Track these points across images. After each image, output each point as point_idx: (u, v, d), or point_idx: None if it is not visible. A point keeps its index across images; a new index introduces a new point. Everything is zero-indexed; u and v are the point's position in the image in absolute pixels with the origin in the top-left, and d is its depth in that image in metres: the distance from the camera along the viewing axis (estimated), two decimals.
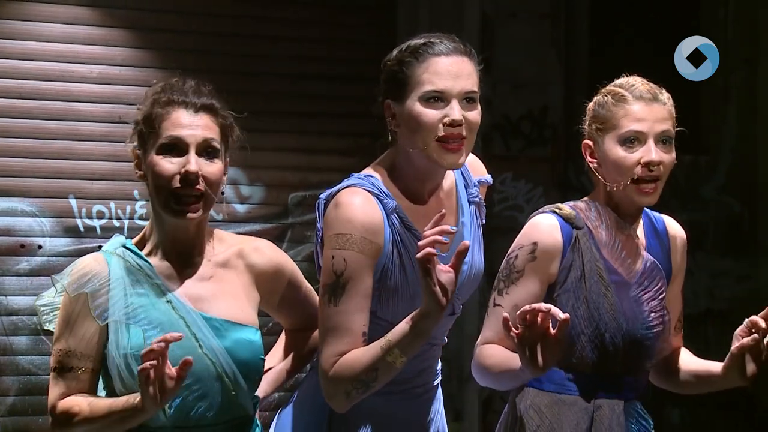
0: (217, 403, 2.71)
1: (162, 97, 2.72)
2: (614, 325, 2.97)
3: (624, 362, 3.00)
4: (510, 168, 6.64)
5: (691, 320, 7.15)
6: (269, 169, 6.32)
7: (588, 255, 3.00)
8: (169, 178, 2.67)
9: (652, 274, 3.07)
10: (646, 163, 2.98)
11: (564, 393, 2.99)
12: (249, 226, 6.41)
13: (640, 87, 3.04)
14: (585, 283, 2.98)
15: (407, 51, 2.86)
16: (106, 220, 6.24)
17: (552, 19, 6.86)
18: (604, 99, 3.06)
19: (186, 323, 2.70)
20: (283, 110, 6.47)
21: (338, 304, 2.75)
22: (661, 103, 3.03)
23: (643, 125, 3.00)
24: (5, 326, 6.06)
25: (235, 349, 2.72)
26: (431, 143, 2.80)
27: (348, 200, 2.80)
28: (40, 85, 6.13)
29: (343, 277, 2.75)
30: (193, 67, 6.10)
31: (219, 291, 2.77)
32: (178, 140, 2.68)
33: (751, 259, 7.36)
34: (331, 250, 2.78)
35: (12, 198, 6.09)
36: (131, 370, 2.65)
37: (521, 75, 6.68)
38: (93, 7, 6.23)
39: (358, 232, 2.76)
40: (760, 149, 7.36)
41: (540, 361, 2.67)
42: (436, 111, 2.80)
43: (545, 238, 2.99)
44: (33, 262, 6.13)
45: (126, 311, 2.69)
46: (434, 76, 2.81)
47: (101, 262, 2.74)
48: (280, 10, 6.55)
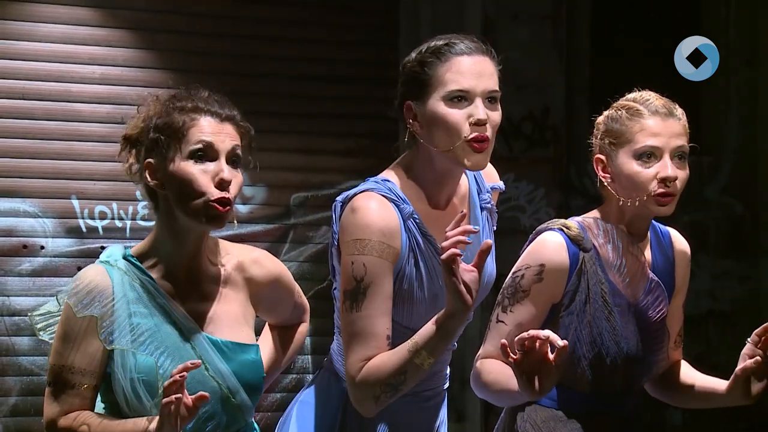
0: (224, 422, 2.70)
1: (186, 105, 2.69)
2: (615, 349, 2.96)
3: (622, 381, 3.00)
4: (512, 169, 6.64)
5: (693, 321, 7.16)
6: (271, 169, 6.32)
7: (593, 279, 2.97)
8: (203, 185, 2.63)
9: (655, 294, 3.05)
10: (663, 179, 2.94)
11: (561, 409, 2.99)
12: (251, 227, 6.41)
13: (656, 102, 3.00)
14: (589, 307, 2.97)
15: (428, 52, 2.85)
16: (109, 221, 6.24)
17: (553, 21, 6.86)
18: (618, 113, 3.02)
19: (192, 345, 2.67)
20: (284, 111, 6.47)
21: (361, 309, 2.75)
22: (677, 119, 3.00)
23: (659, 140, 2.96)
24: (8, 327, 6.06)
25: (241, 371, 2.70)
26: (458, 143, 2.79)
27: (364, 205, 2.79)
28: (41, 86, 6.14)
29: (363, 282, 2.75)
30: (195, 68, 6.13)
31: (222, 312, 2.74)
32: (210, 146, 2.65)
33: (752, 260, 7.36)
34: (350, 256, 2.77)
35: (14, 198, 6.10)
36: (137, 393, 2.62)
37: (523, 76, 6.68)
38: (94, 8, 6.23)
39: (375, 237, 2.76)
40: (762, 150, 7.36)
41: (537, 386, 2.66)
42: (461, 110, 2.80)
43: (553, 259, 2.96)
44: (35, 262, 6.14)
45: (132, 335, 2.64)
46: (458, 76, 2.80)
47: (105, 277, 2.68)
48: (282, 11, 6.55)
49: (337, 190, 5.06)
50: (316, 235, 6.53)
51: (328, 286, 3.05)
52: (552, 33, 6.85)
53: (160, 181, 2.67)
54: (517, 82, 6.66)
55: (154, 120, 2.69)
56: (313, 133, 6.54)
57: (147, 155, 2.69)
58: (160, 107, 2.71)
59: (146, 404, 2.62)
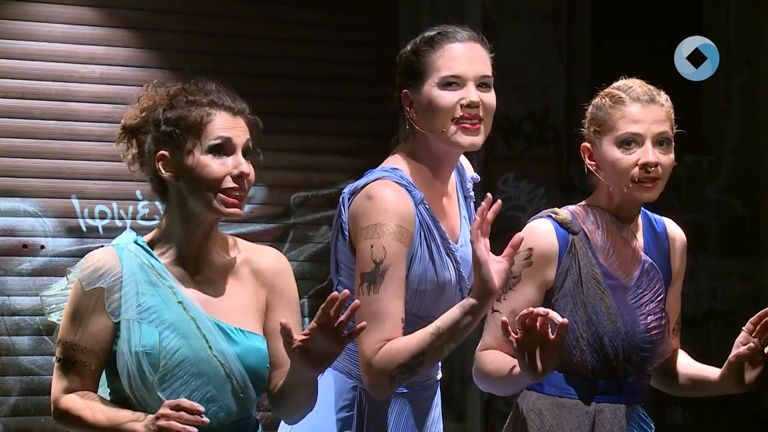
0: (227, 405, 2.72)
1: (200, 99, 2.75)
2: (612, 329, 2.97)
3: (624, 365, 3.00)
4: (512, 168, 6.64)
5: (694, 321, 7.17)
6: (271, 169, 6.32)
7: (584, 260, 3.00)
8: (221, 178, 2.70)
9: (649, 276, 3.07)
10: (644, 165, 2.98)
11: (565, 396, 2.99)
12: (251, 227, 6.41)
13: (638, 89, 3.04)
14: (582, 288, 2.99)
15: (422, 42, 2.96)
16: (109, 220, 6.24)
17: (553, 20, 6.86)
18: (602, 101, 3.06)
19: (197, 324, 2.70)
20: (285, 111, 6.47)
21: (378, 291, 2.80)
22: (659, 105, 3.03)
23: (640, 127, 3.00)
24: (8, 326, 6.06)
25: (246, 356, 2.72)
26: (449, 125, 2.89)
27: (381, 192, 2.86)
28: (41, 86, 6.14)
29: (382, 264, 2.81)
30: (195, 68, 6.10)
31: (229, 300, 2.77)
32: (228, 141, 2.72)
33: (753, 260, 7.36)
34: (368, 240, 2.83)
35: (14, 198, 6.10)
36: (141, 368, 2.66)
37: (523, 76, 6.69)
38: (94, 8, 6.24)
39: (394, 221, 2.83)
40: (763, 150, 7.36)
41: (539, 366, 2.70)
42: (454, 93, 2.90)
43: (541, 243, 3.00)
44: (35, 262, 6.14)
45: (138, 309, 2.70)
46: (450, 62, 2.92)
47: (114, 256, 2.75)
48: (283, 11, 6.56)
49: (338, 189, 5.06)
50: (317, 234, 6.53)
51: (329, 286, 3.06)
52: (552, 33, 6.86)
53: (173, 173, 2.73)
54: (518, 81, 6.67)
55: (162, 112, 2.74)
56: (313, 133, 6.54)
57: (159, 147, 2.74)
58: (166, 98, 2.76)
59: (149, 378, 2.66)
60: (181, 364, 2.67)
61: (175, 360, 2.67)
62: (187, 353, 2.66)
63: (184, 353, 2.66)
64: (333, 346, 2.57)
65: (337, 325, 2.54)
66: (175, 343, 2.67)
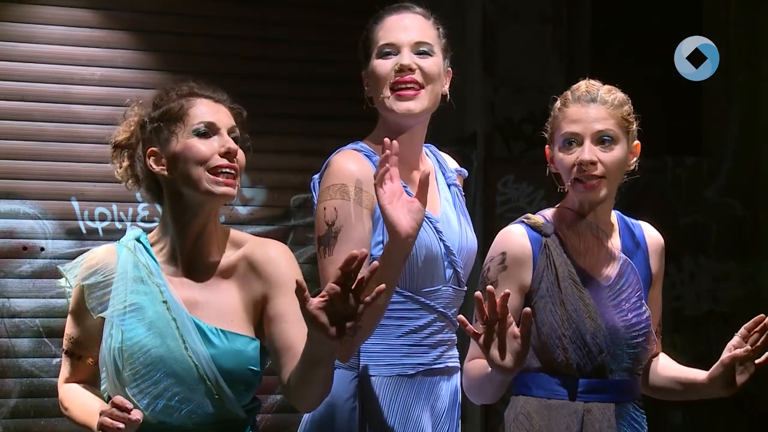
0: (201, 407, 2.73)
1: (180, 90, 2.82)
2: (593, 326, 2.98)
3: (610, 363, 3.01)
4: (512, 170, 6.64)
5: (694, 322, 7.17)
6: (271, 171, 6.32)
7: (559, 260, 3.03)
8: (209, 156, 2.73)
9: (626, 273, 3.08)
10: (579, 163, 3.00)
11: (553, 398, 3.00)
12: (251, 228, 6.41)
13: (582, 89, 3.08)
14: (560, 287, 3.01)
15: (371, 21, 3.06)
16: (109, 222, 6.24)
17: (554, 22, 6.86)
18: (555, 104, 3.12)
19: (177, 324, 2.72)
20: (284, 112, 6.47)
21: (332, 253, 2.80)
22: (600, 103, 3.04)
23: (578, 126, 3.03)
24: (7, 328, 6.06)
25: (221, 358, 2.72)
26: (387, 93, 2.95)
27: (338, 158, 2.93)
28: (41, 88, 6.14)
29: (334, 226, 2.82)
30: (195, 70, 6.12)
31: (216, 299, 2.78)
32: (212, 125, 2.77)
33: (753, 262, 7.36)
34: (323, 203, 2.87)
35: (14, 200, 6.10)
36: (116, 365, 2.71)
37: (523, 77, 6.69)
38: (94, 10, 6.24)
39: (350, 181, 2.85)
40: (763, 152, 7.36)
41: (508, 361, 2.69)
42: (389, 60, 2.96)
43: (513, 246, 3.03)
44: (35, 264, 6.14)
45: (121, 306, 2.74)
46: (386, 32, 3.00)
47: (113, 254, 2.83)
48: (282, 13, 6.56)
49: None
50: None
51: None
52: (552, 34, 6.86)
53: (164, 166, 2.77)
54: (518, 83, 6.67)
55: (148, 115, 2.82)
56: (312, 135, 6.54)
57: (148, 146, 2.80)
58: (150, 105, 2.84)
59: (120, 375, 2.70)
60: (153, 363, 2.70)
61: (146, 359, 2.70)
62: (161, 352, 2.70)
63: (159, 352, 2.70)
64: (351, 309, 2.44)
65: (356, 284, 2.44)
66: (149, 341, 2.71)
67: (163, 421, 2.72)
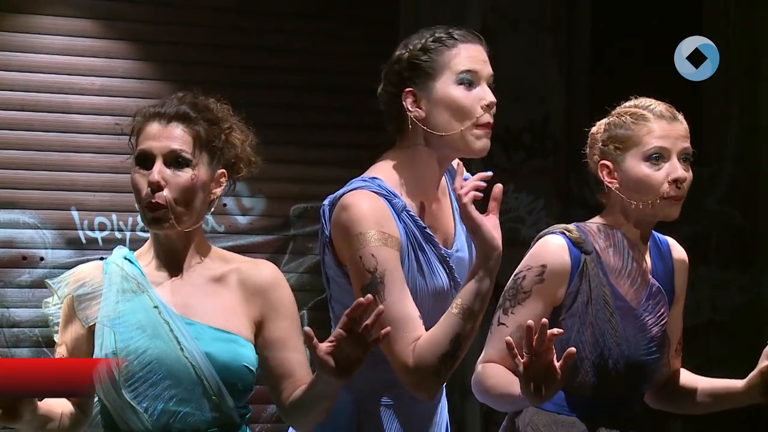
0: (199, 409, 2.72)
1: (146, 111, 2.80)
2: (617, 351, 2.97)
3: (624, 387, 3.01)
4: (511, 179, 6.63)
5: (693, 332, 7.14)
6: (271, 180, 6.32)
7: (595, 281, 2.99)
8: (140, 191, 2.73)
9: (656, 300, 3.06)
10: (674, 180, 2.98)
11: (563, 414, 2.99)
12: (250, 238, 6.40)
13: (659, 106, 3.05)
14: (591, 309, 2.98)
15: (432, 40, 2.96)
16: (108, 232, 6.24)
17: (553, 30, 6.86)
18: (622, 119, 3.05)
19: (170, 327, 2.72)
20: (284, 122, 6.47)
21: (386, 298, 2.74)
22: (680, 122, 3.05)
23: (667, 142, 3.00)
24: (7, 338, 6.05)
25: (216, 354, 2.72)
26: (470, 126, 2.88)
27: (355, 201, 2.83)
28: (41, 97, 6.14)
29: (377, 272, 2.76)
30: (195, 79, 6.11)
31: (208, 301, 2.78)
32: (146, 153, 2.74)
33: (753, 270, 7.35)
34: (356, 252, 2.79)
35: (14, 210, 6.10)
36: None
37: (522, 86, 6.68)
38: (94, 20, 6.24)
39: (374, 228, 2.78)
40: (763, 160, 7.35)
41: (543, 392, 2.67)
42: (472, 92, 2.89)
43: (555, 260, 2.98)
44: (35, 273, 6.14)
45: (112, 314, 2.74)
46: (468, 60, 2.90)
47: (98, 268, 2.83)
48: (282, 23, 6.56)
49: None
50: (316, 246, 6.48)
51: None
52: (552, 42, 6.85)
53: None
54: (517, 91, 6.66)
55: None
56: (312, 144, 6.54)
57: None
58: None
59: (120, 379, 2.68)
60: (149, 365, 2.69)
61: (141, 362, 2.69)
62: (156, 354, 2.69)
63: (153, 354, 2.69)
64: (358, 351, 2.55)
65: (363, 330, 2.53)
66: (143, 344, 2.70)
67: (161, 426, 2.70)
